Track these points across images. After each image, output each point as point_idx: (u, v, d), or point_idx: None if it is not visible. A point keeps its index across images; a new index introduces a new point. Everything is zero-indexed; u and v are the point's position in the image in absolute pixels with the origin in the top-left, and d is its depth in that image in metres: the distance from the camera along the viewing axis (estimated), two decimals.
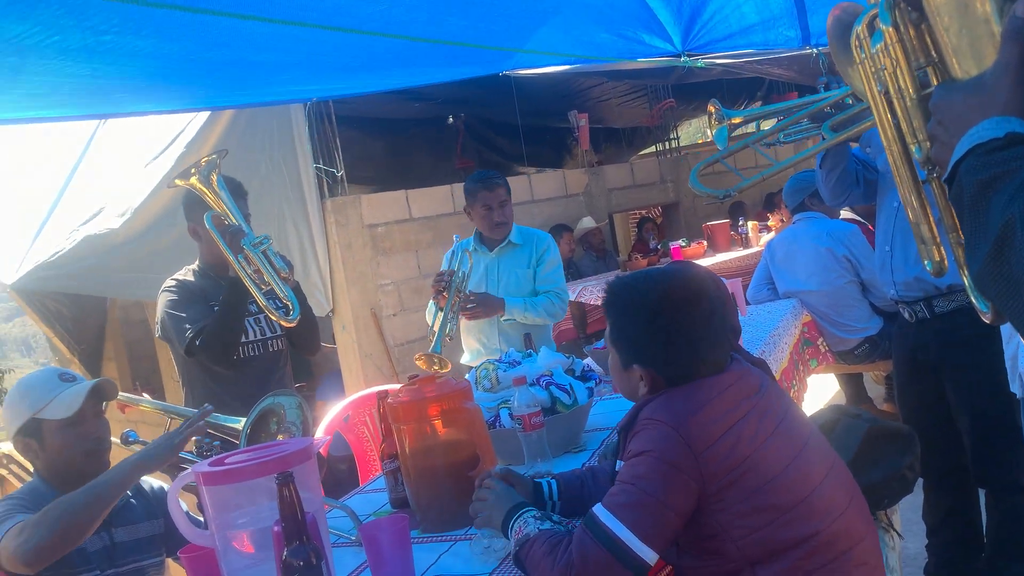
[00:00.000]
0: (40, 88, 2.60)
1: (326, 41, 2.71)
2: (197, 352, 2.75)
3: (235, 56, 2.72)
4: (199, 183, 2.81)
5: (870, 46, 1.19)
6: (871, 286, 4.06)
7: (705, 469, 1.38)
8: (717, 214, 7.54)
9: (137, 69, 2.63)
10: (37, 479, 1.99)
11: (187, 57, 2.66)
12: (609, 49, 4.11)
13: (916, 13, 1.08)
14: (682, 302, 1.52)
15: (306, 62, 2.97)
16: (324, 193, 5.29)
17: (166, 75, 2.82)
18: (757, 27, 4.11)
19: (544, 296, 3.38)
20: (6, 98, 2.63)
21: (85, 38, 2.28)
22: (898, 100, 1.17)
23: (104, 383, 2.03)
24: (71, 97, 2.79)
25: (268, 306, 2.74)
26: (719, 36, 4.24)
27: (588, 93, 7.54)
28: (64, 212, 6.53)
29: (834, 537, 1.43)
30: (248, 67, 2.92)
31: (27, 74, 2.43)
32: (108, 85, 2.74)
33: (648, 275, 1.61)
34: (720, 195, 2.32)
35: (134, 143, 5.91)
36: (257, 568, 1.43)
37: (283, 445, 1.52)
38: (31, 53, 2.27)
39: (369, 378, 5.29)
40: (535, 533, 1.46)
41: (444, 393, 1.83)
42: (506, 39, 3.42)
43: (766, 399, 1.52)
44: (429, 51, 3.21)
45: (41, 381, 1.99)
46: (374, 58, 3.20)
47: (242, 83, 3.23)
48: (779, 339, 3.57)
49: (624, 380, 1.60)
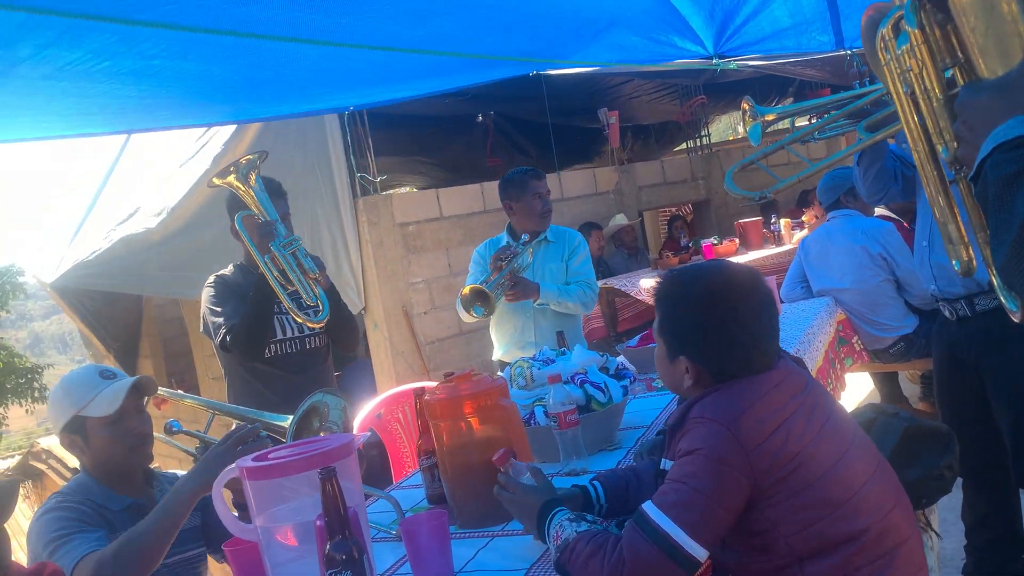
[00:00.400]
0: (90, 107, 2.66)
1: (366, 59, 2.75)
2: (229, 347, 2.80)
3: (277, 75, 2.77)
4: (237, 182, 2.86)
5: (895, 47, 1.18)
6: (907, 284, 4.01)
7: (757, 466, 1.39)
8: (749, 212, 7.48)
9: (183, 89, 2.69)
10: (84, 474, 2.02)
11: (231, 77, 2.71)
12: (640, 53, 4.10)
13: (942, 14, 1.07)
14: (733, 296, 1.52)
15: (343, 79, 3.01)
16: (356, 192, 5.34)
17: (210, 93, 2.87)
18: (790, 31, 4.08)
19: (576, 285, 3.41)
20: (56, 116, 2.70)
21: (135, 63, 2.34)
22: (924, 101, 1.16)
23: (143, 380, 2.06)
24: (118, 115, 2.86)
25: (292, 307, 2.77)
26: (751, 40, 4.21)
27: (618, 90, 7.52)
28: (101, 212, 6.65)
29: (882, 534, 1.43)
30: (289, 83, 2.97)
31: (77, 96, 2.49)
32: (155, 104, 2.80)
33: (700, 268, 1.62)
34: (755, 196, 2.31)
35: (170, 143, 6.00)
36: (300, 562, 1.46)
37: (325, 441, 1.54)
38: (83, 79, 2.33)
39: (400, 375, 5.33)
40: (574, 536, 1.46)
41: (480, 390, 1.85)
42: (538, 51, 3.45)
43: (812, 397, 1.52)
44: (463, 62, 3.24)
45: (82, 379, 2.02)
46: (410, 71, 3.23)
47: (281, 97, 3.27)
48: (814, 337, 3.54)
49: (669, 371, 1.60)
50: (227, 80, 2.75)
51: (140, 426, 2.01)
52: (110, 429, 1.96)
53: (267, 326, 2.84)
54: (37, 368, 14.44)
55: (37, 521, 1.85)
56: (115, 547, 1.74)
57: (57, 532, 1.79)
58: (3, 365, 13.57)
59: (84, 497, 1.93)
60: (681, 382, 1.56)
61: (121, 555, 1.72)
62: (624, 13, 3.38)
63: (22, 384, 13.78)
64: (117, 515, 1.96)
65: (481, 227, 5.87)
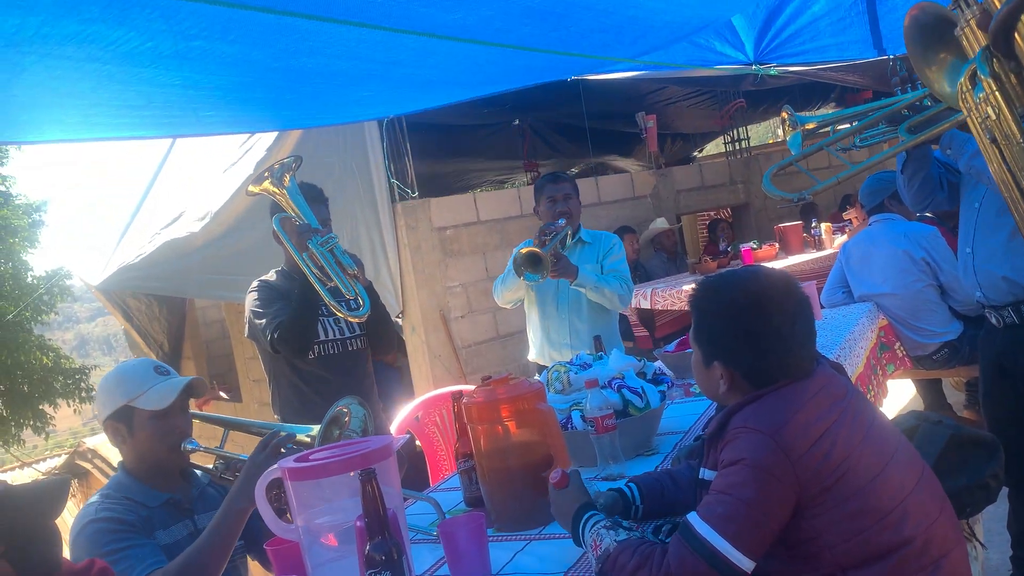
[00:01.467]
0: (136, 100, 2.71)
1: (404, 47, 2.76)
2: (277, 347, 2.85)
3: (317, 64, 2.79)
4: (272, 186, 2.91)
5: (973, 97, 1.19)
6: (951, 290, 3.94)
7: (802, 475, 1.38)
8: (789, 215, 7.41)
9: (224, 79, 2.72)
10: (121, 472, 2.06)
11: (272, 66, 2.74)
12: (680, 56, 4.09)
13: (1013, 62, 1.08)
14: (765, 302, 1.52)
15: (382, 72, 3.02)
16: (395, 196, 5.39)
17: (251, 86, 2.90)
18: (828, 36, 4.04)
19: (612, 275, 3.41)
20: (103, 110, 2.75)
21: (176, 44, 2.35)
22: (1006, 146, 1.17)
23: (196, 381, 2.10)
24: (163, 110, 2.90)
25: (333, 303, 2.81)
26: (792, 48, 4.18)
27: (656, 96, 7.50)
28: (146, 216, 6.79)
29: (928, 544, 1.41)
30: (329, 77, 2.99)
31: (121, 83, 2.53)
32: (197, 96, 2.84)
33: (733, 274, 1.63)
34: (795, 198, 2.29)
35: (213, 149, 6.11)
36: (340, 562, 1.48)
37: (365, 443, 1.56)
38: (126, 61, 2.37)
39: (437, 379, 5.36)
40: (615, 546, 1.47)
41: (518, 394, 1.86)
42: (577, 47, 3.44)
43: (854, 403, 1.51)
44: (501, 59, 3.25)
45: (137, 371, 2.07)
46: (448, 67, 3.24)
47: (322, 98, 3.30)
48: (855, 343, 3.49)
49: (705, 377, 1.60)
50: (268, 69, 2.75)
51: (182, 425, 2.06)
52: (155, 423, 2.00)
53: (313, 320, 2.89)
54: (84, 369, 14.76)
55: (85, 528, 1.88)
56: (178, 567, 1.80)
57: (109, 547, 1.84)
58: (51, 365, 13.89)
59: (124, 496, 1.97)
60: (716, 388, 1.57)
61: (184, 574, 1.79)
62: (665, 16, 3.37)
63: (70, 384, 14.10)
64: (155, 511, 2.00)
65: (518, 231, 5.89)
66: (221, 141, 5.99)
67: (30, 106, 2.61)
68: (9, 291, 13.62)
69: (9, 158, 13.91)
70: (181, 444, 2.04)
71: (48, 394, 13.86)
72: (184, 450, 2.04)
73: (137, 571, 1.81)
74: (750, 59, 4.28)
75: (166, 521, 2.02)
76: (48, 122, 2.81)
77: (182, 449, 2.04)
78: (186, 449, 2.04)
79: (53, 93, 2.51)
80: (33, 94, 2.49)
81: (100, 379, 2.26)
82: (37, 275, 14.40)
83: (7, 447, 13.92)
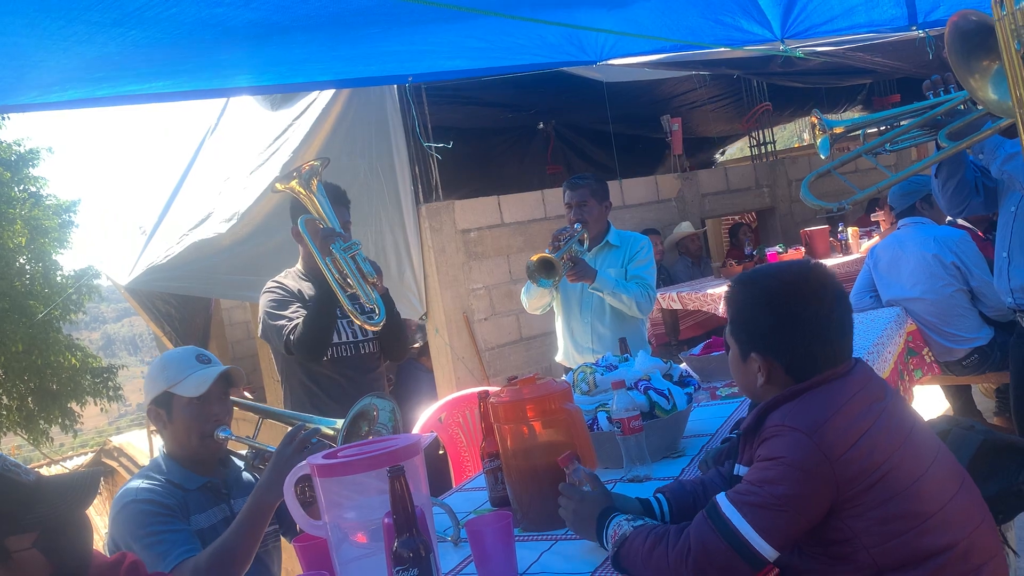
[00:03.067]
0: (152, 55, 2.66)
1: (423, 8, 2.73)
2: (292, 349, 2.87)
3: (338, 19, 2.74)
4: (299, 187, 2.93)
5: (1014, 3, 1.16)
6: (981, 295, 3.88)
7: (842, 475, 1.37)
8: (815, 219, 7.34)
9: (246, 42, 2.69)
10: (162, 455, 2.12)
11: (291, 27, 2.69)
12: (705, 35, 4.02)
13: None
14: (802, 288, 1.52)
15: (401, 26, 2.99)
16: (419, 199, 5.41)
17: (271, 42, 2.83)
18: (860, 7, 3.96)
19: (634, 281, 3.39)
20: (119, 73, 2.73)
21: (200, 10, 2.34)
22: None
23: (233, 370, 2.15)
24: (183, 64, 2.86)
25: (351, 310, 2.82)
26: (820, 20, 4.10)
27: (680, 99, 7.47)
28: (175, 217, 6.87)
29: (968, 551, 1.40)
30: (354, 38, 2.93)
31: (139, 48, 2.51)
32: (217, 54, 2.81)
33: (768, 267, 1.64)
34: (834, 207, 2.27)
35: (240, 150, 6.17)
36: (368, 559, 1.48)
37: (393, 440, 1.57)
38: (153, 26, 2.35)
39: (461, 380, 5.37)
40: (632, 530, 1.47)
41: (544, 394, 1.85)
42: (599, 20, 3.39)
43: (894, 405, 1.49)
44: (524, 32, 3.22)
45: (180, 358, 2.13)
46: (470, 34, 3.22)
47: (345, 49, 3.25)
48: (882, 348, 3.45)
49: (742, 372, 1.59)
50: (287, 28, 2.73)
51: (219, 413, 2.11)
52: (192, 409, 2.06)
53: (331, 326, 2.90)
54: (112, 368, 14.96)
55: (127, 507, 1.94)
56: (208, 557, 1.86)
57: (148, 528, 1.90)
58: (79, 365, 14.09)
59: (164, 479, 2.03)
60: (754, 382, 1.55)
61: (214, 565, 1.84)
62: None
63: (97, 383, 14.30)
64: (192, 494, 2.06)
65: (541, 234, 5.88)
66: (248, 141, 6.05)
67: (54, 68, 2.58)
68: (40, 290, 13.84)
69: (40, 159, 14.14)
70: (214, 432, 2.08)
71: (76, 392, 14.06)
72: (217, 438, 2.09)
73: (171, 557, 1.86)
74: (777, 36, 4.19)
75: (203, 504, 2.07)
76: (71, 80, 2.76)
77: (215, 437, 2.08)
78: (218, 437, 2.09)
79: (79, 58, 2.50)
80: (58, 59, 2.48)
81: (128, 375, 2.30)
82: (66, 275, 14.63)
83: (36, 444, 14.13)
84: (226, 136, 6.72)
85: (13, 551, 1.35)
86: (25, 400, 13.73)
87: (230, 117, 6.71)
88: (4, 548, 1.35)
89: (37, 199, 14.19)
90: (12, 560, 1.36)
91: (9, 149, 13.59)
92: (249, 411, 2.43)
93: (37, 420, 13.81)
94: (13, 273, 13.61)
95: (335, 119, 5.31)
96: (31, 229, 13.68)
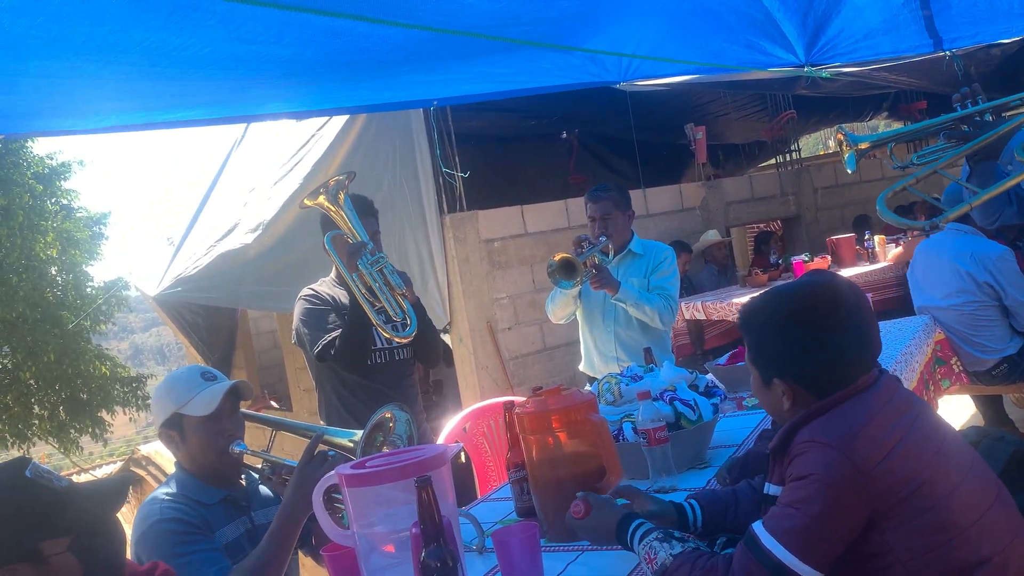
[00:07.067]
0: (185, 88, 2.75)
1: (449, 42, 2.77)
2: (329, 359, 2.89)
3: (368, 58, 2.79)
4: (327, 202, 2.96)
5: None
6: (1015, 312, 3.80)
7: (875, 488, 1.35)
8: (841, 228, 7.28)
9: (277, 75, 2.76)
10: (179, 471, 2.12)
11: (322, 61, 2.75)
12: (730, 58, 4.03)
13: None
14: (814, 310, 1.50)
15: (427, 63, 3.02)
16: (443, 209, 5.44)
17: (301, 75, 2.91)
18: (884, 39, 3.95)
19: (656, 293, 3.38)
20: (155, 103, 2.81)
21: (234, 48, 2.39)
22: None
23: (241, 384, 2.16)
24: (215, 95, 2.93)
25: (379, 322, 2.84)
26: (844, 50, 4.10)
27: (705, 108, 7.45)
28: (202, 228, 6.96)
29: (1005, 565, 1.37)
30: (379, 67, 3.00)
31: (174, 82, 2.59)
32: (249, 86, 2.88)
33: (777, 289, 1.60)
34: (925, 226, 2.25)
35: (264, 163, 6.24)
36: (396, 568, 1.49)
37: (420, 450, 1.58)
38: (188, 65, 2.42)
39: (485, 390, 5.38)
40: (671, 560, 1.44)
41: (569, 405, 1.86)
42: (623, 45, 3.41)
43: (923, 416, 1.47)
44: (548, 57, 3.25)
45: (185, 378, 2.13)
46: (494, 63, 3.25)
47: (371, 82, 3.30)
48: (910, 358, 3.42)
49: (767, 398, 1.58)
50: (319, 64, 2.77)
51: (232, 428, 2.11)
52: (205, 427, 2.06)
53: (367, 339, 2.94)
54: (141, 377, 15.15)
55: (152, 528, 1.93)
56: (240, 574, 1.85)
57: (176, 550, 1.89)
58: (108, 375, 14.28)
59: (184, 495, 2.03)
60: (780, 406, 1.54)
61: None
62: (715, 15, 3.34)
63: (126, 393, 14.49)
64: (212, 509, 2.05)
65: (565, 243, 5.86)
66: (271, 154, 6.12)
67: (92, 98, 2.66)
68: (71, 301, 14.06)
69: (72, 172, 14.37)
70: (229, 447, 2.08)
71: (106, 402, 14.25)
72: (232, 452, 2.08)
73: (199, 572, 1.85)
74: (801, 60, 4.20)
75: (224, 519, 2.07)
76: (108, 111, 2.84)
77: (230, 452, 2.08)
78: (234, 451, 2.08)
79: (115, 91, 2.58)
80: (97, 91, 2.56)
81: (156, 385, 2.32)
82: (96, 286, 14.85)
83: (67, 453, 14.32)
84: (252, 147, 6.81)
85: (48, 555, 1.38)
86: (57, 409, 13.93)
87: (256, 129, 6.80)
88: (39, 552, 1.38)
89: (69, 211, 14.43)
90: (48, 564, 1.38)
91: (42, 163, 13.84)
92: (262, 424, 2.40)
93: (68, 429, 14.00)
94: (45, 284, 13.84)
95: (359, 130, 5.36)
96: (63, 241, 13.91)
